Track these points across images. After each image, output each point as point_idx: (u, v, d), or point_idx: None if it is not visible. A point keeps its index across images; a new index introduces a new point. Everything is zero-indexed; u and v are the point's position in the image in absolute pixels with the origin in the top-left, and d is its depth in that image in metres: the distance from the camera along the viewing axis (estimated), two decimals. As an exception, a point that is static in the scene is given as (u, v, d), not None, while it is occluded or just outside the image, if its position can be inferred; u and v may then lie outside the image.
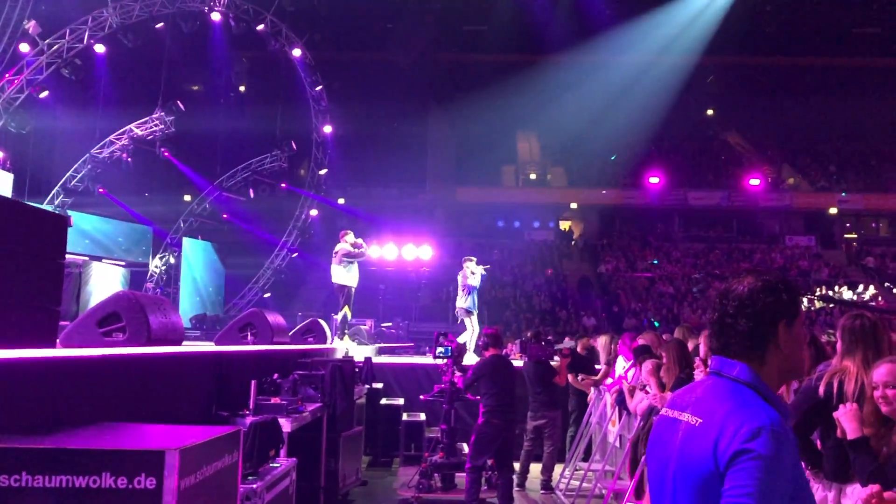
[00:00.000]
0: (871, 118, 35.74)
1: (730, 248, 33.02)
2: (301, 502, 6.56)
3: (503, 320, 23.31)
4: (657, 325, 22.53)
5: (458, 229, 32.99)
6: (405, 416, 10.34)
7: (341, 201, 28.91)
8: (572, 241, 35.09)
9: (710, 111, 39.54)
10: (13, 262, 3.36)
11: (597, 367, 9.84)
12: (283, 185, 23.89)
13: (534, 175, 38.54)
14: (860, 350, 3.67)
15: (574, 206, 35.96)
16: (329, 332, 9.92)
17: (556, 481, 9.11)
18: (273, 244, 23.99)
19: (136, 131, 20.56)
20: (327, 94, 22.52)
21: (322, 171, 23.27)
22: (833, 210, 35.19)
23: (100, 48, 19.24)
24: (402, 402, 10.76)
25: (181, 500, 2.59)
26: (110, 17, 18.78)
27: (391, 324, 18.04)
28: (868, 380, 3.50)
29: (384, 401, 10.74)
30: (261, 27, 20.28)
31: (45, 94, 18.53)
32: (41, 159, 22.29)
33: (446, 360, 8.52)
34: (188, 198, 25.36)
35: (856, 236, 35.72)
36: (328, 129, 22.73)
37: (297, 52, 21.06)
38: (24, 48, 17.95)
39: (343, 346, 10.70)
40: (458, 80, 33.38)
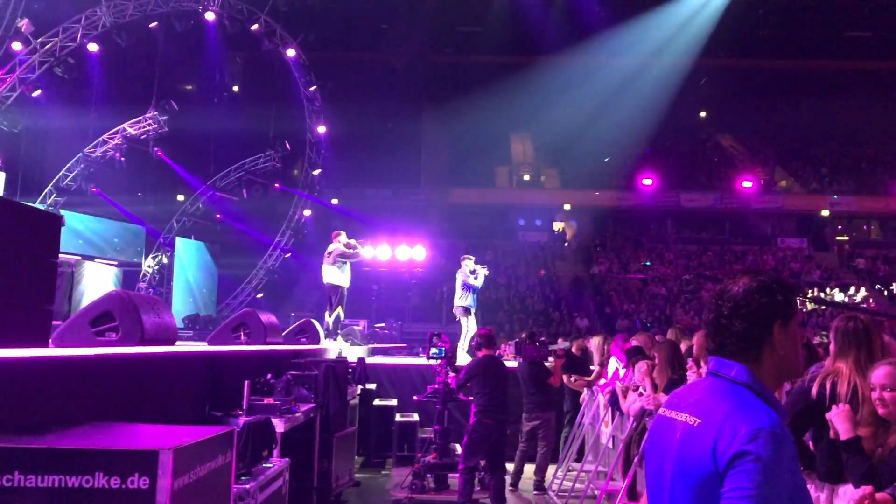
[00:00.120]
0: (863, 121, 35.91)
1: (722, 250, 33.11)
2: (294, 503, 6.56)
3: (496, 321, 23.31)
4: (648, 327, 22.56)
5: (452, 230, 32.95)
6: (398, 417, 10.34)
7: (335, 201, 28.86)
8: (565, 243, 35.14)
9: (703, 113, 39.63)
10: (6, 261, 3.34)
11: (591, 367, 9.86)
12: (276, 185, 23.81)
13: (527, 176, 38.55)
14: (853, 352, 3.70)
15: (567, 207, 36.00)
16: (322, 333, 9.89)
17: (549, 482, 9.12)
18: (266, 244, 23.93)
19: (130, 130, 20.49)
20: (321, 94, 22.49)
21: (316, 172, 23.22)
22: (825, 212, 35.33)
23: (93, 47, 19.18)
24: (395, 402, 10.78)
25: (174, 500, 2.58)
26: (104, 16, 18.71)
27: (384, 324, 18.02)
28: (860, 381, 3.53)
29: (377, 401, 10.74)
30: (255, 27, 20.25)
31: (37, 93, 18.46)
32: (34, 158, 22.20)
33: (440, 361, 8.53)
34: (181, 197, 25.27)
35: (847, 238, 35.88)
36: (322, 129, 22.70)
37: (291, 53, 21.03)
38: (17, 46, 17.86)
39: (336, 346, 10.68)
40: (453, 81, 33.38)
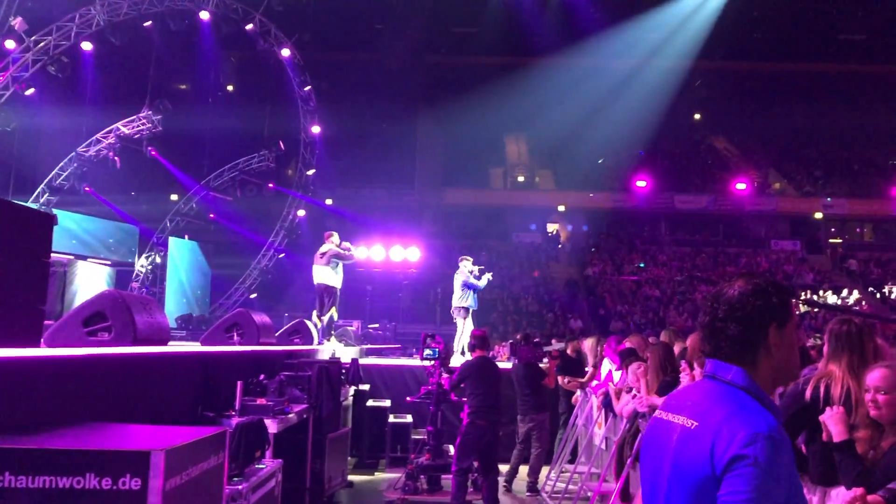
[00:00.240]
0: (856, 124, 36.07)
1: (716, 252, 33.20)
2: (287, 503, 6.54)
3: (490, 322, 23.31)
4: (642, 328, 22.59)
5: (446, 231, 33.00)
6: (392, 418, 10.32)
7: (329, 202, 28.83)
8: (559, 244, 35.18)
9: (697, 115, 39.76)
10: (-2, 261, 3.33)
11: (586, 369, 9.85)
12: (270, 185, 23.76)
13: (522, 178, 38.60)
14: (846, 354, 3.71)
15: (562, 208, 36.05)
16: (316, 334, 9.87)
17: (542, 483, 9.11)
18: (260, 244, 23.87)
19: (123, 130, 20.41)
20: (316, 94, 22.44)
21: (310, 172, 23.18)
22: (818, 215, 35.46)
23: (87, 46, 19.07)
24: (388, 403, 10.75)
25: (166, 501, 2.57)
26: (98, 14, 18.62)
27: (378, 325, 17.99)
28: (853, 384, 3.54)
29: (371, 402, 10.72)
30: (249, 27, 20.19)
31: (30, 92, 18.35)
32: (26, 157, 22.11)
33: (433, 362, 8.53)
34: (175, 197, 25.22)
35: (840, 241, 36.01)
36: (316, 129, 22.66)
37: (285, 52, 20.98)
38: (10, 45, 17.76)
39: (330, 347, 10.66)
40: (448, 82, 33.38)
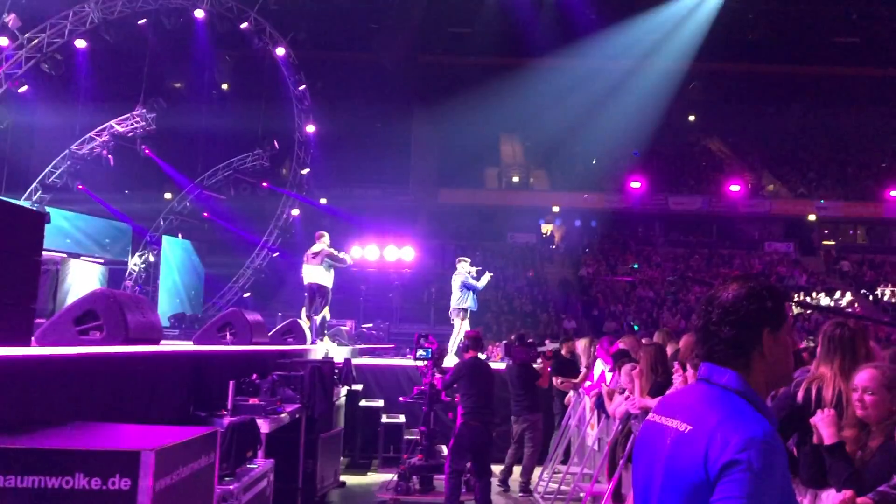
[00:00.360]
0: (850, 126, 36.24)
1: (710, 254, 33.27)
2: (278, 503, 6.52)
3: (484, 322, 23.29)
4: (636, 329, 22.62)
5: (441, 231, 32.98)
6: (385, 418, 10.30)
7: (323, 201, 28.80)
8: (553, 245, 35.20)
9: (691, 117, 39.84)
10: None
11: (580, 369, 9.85)
12: (264, 184, 23.71)
13: (516, 178, 38.62)
14: (838, 358, 3.72)
15: (556, 209, 36.09)
16: (309, 333, 9.84)
17: (535, 484, 9.12)
18: (254, 243, 23.84)
19: (117, 128, 20.34)
20: (311, 93, 22.42)
21: (304, 171, 23.14)
22: (812, 217, 35.55)
23: (81, 43, 19.02)
24: (381, 403, 10.74)
25: (156, 501, 2.56)
26: (92, 12, 18.56)
27: (372, 325, 17.97)
28: (844, 387, 3.55)
29: (364, 402, 10.71)
30: (245, 25, 20.15)
31: (24, 89, 18.28)
32: (19, 155, 22.03)
33: (426, 362, 8.52)
34: (168, 196, 25.16)
35: (834, 243, 36.12)
36: (311, 128, 22.63)
37: (280, 51, 20.96)
38: (3, 42, 17.67)
39: (323, 346, 10.64)
40: (443, 82, 33.36)
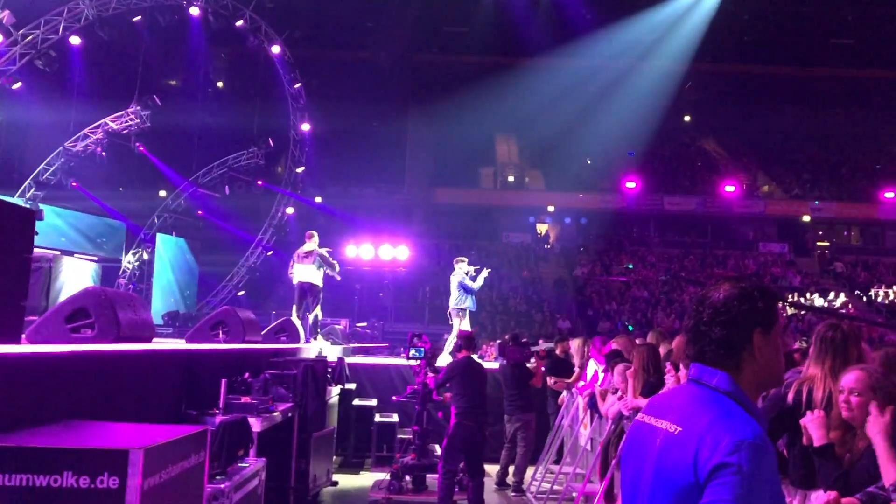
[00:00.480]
0: (844, 128, 36.33)
1: (704, 254, 33.33)
2: (270, 502, 6.50)
3: (478, 321, 23.29)
4: (630, 329, 22.65)
5: (436, 230, 32.98)
6: (378, 417, 10.28)
7: (318, 200, 28.77)
8: (548, 245, 35.22)
9: (687, 117, 39.89)
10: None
11: (575, 369, 9.86)
12: (259, 182, 23.68)
13: (511, 177, 38.62)
14: (829, 359, 3.73)
15: (551, 209, 36.12)
16: (302, 332, 9.83)
17: (528, 483, 9.12)
18: (248, 242, 23.80)
19: (111, 125, 20.30)
20: (306, 91, 22.39)
21: (299, 169, 23.12)
22: (806, 218, 35.63)
23: (75, 40, 18.95)
24: (375, 402, 10.73)
25: (144, 499, 2.56)
26: (86, 8, 18.50)
27: (366, 324, 17.97)
28: (834, 388, 3.55)
29: (357, 401, 10.69)
30: (240, 23, 20.12)
31: (18, 86, 18.21)
32: (13, 151, 21.99)
33: (419, 362, 8.52)
34: (163, 193, 25.10)
35: (828, 244, 36.21)
36: (306, 126, 22.60)
37: (276, 49, 20.93)
38: (-3, 38, 17.66)
39: (316, 345, 10.63)
40: (438, 81, 33.37)
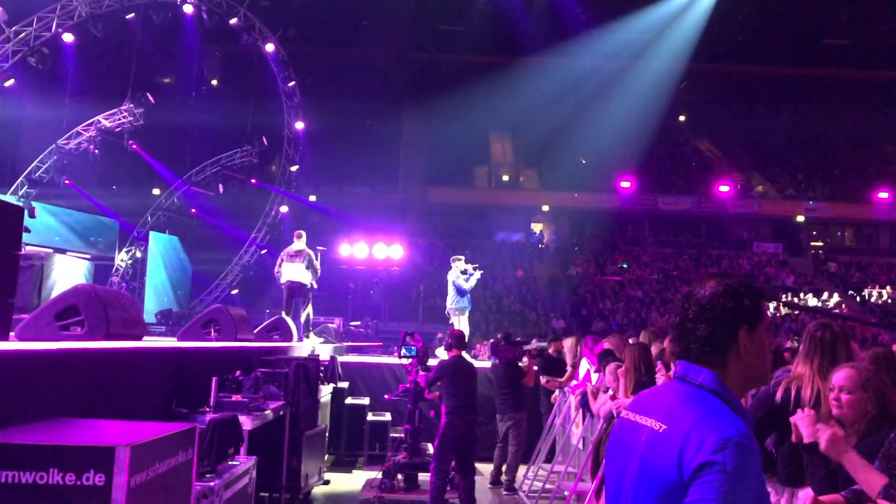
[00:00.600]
0: (838, 128, 36.41)
1: (698, 254, 33.39)
2: (262, 501, 6.49)
3: (472, 320, 23.24)
4: (625, 329, 22.67)
5: (430, 229, 32.98)
6: (370, 416, 10.29)
7: (312, 198, 28.72)
8: (542, 244, 35.24)
9: (681, 117, 39.94)
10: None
11: (567, 368, 9.86)
12: (253, 180, 23.64)
13: (506, 177, 38.64)
14: (817, 358, 3.74)
15: (545, 208, 36.13)
16: (295, 330, 9.81)
17: (520, 482, 9.13)
18: (241, 240, 23.75)
19: (104, 123, 20.24)
20: (300, 90, 22.33)
21: (293, 168, 23.08)
22: (800, 218, 35.75)
23: (68, 37, 18.87)
24: (367, 401, 10.73)
25: (131, 497, 2.55)
26: (79, 5, 18.43)
27: (360, 322, 17.96)
28: (822, 386, 3.56)
29: (349, 400, 10.70)
30: (234, 21, 20.04)
31: (10, 83, 18.16)
32: (5, 149, 21.92)
33: (411, 360, 8.52)
34: (156, 191, 25.04)
35: (822, 244, 36.32)
36: (300, 125, 22.55)
37: (270, 47, 20.87)
38: (-10, 35, 17.60)
39: (309, 344, 10.62)
40: (433, 80, 33.36)
